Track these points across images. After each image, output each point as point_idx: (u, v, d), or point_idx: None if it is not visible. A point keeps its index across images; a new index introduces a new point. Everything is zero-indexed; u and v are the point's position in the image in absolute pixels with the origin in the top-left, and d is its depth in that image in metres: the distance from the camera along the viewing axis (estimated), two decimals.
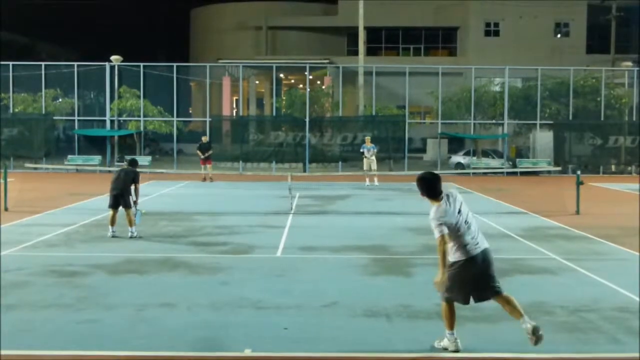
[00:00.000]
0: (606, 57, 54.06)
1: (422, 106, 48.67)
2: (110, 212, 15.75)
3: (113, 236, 15.47)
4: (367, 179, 30.50)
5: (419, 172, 8.11)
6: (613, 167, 40.37)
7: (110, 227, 15.66)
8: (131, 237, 15.43)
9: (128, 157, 17.63)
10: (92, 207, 21.23)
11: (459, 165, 40.15)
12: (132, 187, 15.85)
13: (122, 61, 39.66)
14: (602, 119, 40.11)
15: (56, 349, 7.78)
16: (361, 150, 31.40)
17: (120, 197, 15.62)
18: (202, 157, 31.35)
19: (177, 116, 39.69)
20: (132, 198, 15.78)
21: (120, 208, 15.63)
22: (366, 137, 32.42)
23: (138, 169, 16.33)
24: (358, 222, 18.83)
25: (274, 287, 10.90)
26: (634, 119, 41.67)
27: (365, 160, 30.69)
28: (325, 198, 24.79)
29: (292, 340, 8.18)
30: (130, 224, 15.60)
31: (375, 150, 31.10)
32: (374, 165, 30.60)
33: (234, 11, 66.27)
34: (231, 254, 13.77)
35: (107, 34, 74.45)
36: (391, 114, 41.43)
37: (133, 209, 15.70)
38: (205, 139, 32.74)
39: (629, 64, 44.54)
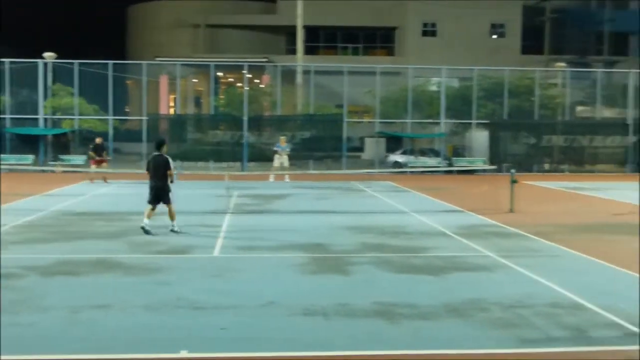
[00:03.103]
0: (540, 57, 55.13)
1: (361, 105, 48.82)
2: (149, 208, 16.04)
3: (143, 229, 15.73)
4: (272, 176, 31.68)
5: (357, 171, 8.09)
6: (547, 166, 41.11)
7: (145, 220, 15.87)
8: (172, 231, 15.79)
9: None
10: (25, 207, 20.79)
11: (396, 164, 40.39)
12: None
13: (56, 58, 38.95)
14: (536, 118, 40.83)
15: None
16: (275, 148, 33.05)
17: (161, 192, 15.98)
18: (97, 158, 30.46)
19: (114, 115, 39.09)
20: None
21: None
22: (281, 138, 33.81)
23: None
24: (296, 221, 18.82)
25: (212, 287, 10.82)
26: (567, 118, 42.55)
27: (277, 158, 32.30)
28: (264, 197, 24.72)
29: (230, 341, 8.13)
30: (172, 218, 15.93)
31: (288, 150, 32.92)
32: (286, 163, 32.28)
33: (172, 9, 65.57)
34: (168, 254, 13.62)
35: (41, 30, 73.01)
36: (329, 113, 41.56)
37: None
38: (99, 140, 31.76)
39: (563, 64, 45.45)
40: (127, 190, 27.21)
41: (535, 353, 7.84)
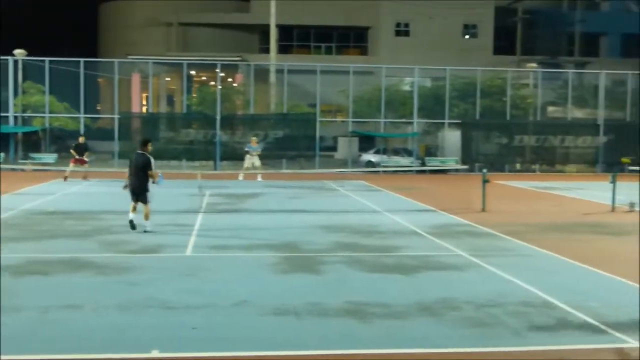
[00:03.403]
0: (512, 58, 55.52)
1: (334, 105, 48.87)
2: (132, 204, 16.09)
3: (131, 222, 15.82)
4: (242, 175, 31.80)
5: (330, 170, 8.10)
6: (518, 166, 41.42)
7: (130, 214, 15.95)
8: (145, 232, 15.68)
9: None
10: None
11: (369, 164, 40.48)
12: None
13: (27, 55, 38.58)
14: (508, 118, 41.07)
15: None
16: (246, 149, 33.39)
17: (138, 190, 16.01)
18: (77, 157, 30.36)
19: (85, 113, 38.76)
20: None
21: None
22: (252, 138, 34.17)
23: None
24: (269, 220, 18.79)
25: (183, 286, 10.76)
26: (539, 118, 42.85)
27: (247, 158, 32.73)
28: (236, 196, 24.65)
29: (201, 340, 8.10)
30: (147, 218, 15.88)
31: (259, 150, 33.36)
32: (257, 163, 32.66)
33: (144, 7, 65.18)
34: (140, 253, 13.54)
35: (11, 27, 72.22)
36: (303, 112, 41.56)
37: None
38: (82, 139, 31.69)
39: (534, 65, 45.83)
40: (99, 189, 27.02)
41: (507, 352, 7.89)
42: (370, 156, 41.39)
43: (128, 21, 65.19)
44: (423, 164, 38.68)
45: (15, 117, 38.31)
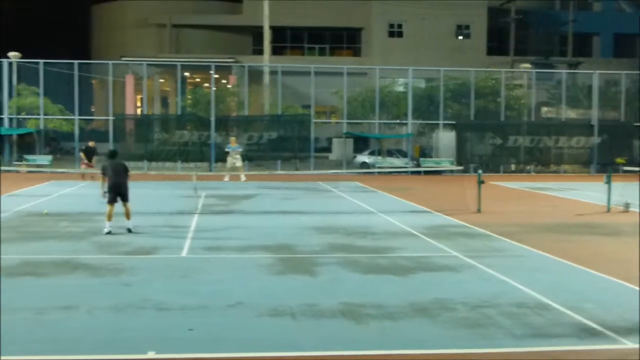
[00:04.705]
0: (506, 58, 55.58)
1: (328, 106, 48.92)
2: (109, 207, 16.05)
3: (109, 232, 15.76)
4: (227, 177, 32.00)
5: (324, 172, 8.12)
6: (513, 167, 41.50)
7: (107, 222, 15.92)
8: (130, 232, 15.93)
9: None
10: None
11: (364, 165, 40.54)
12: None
13: (21, 57, 38.53)
14: (502, 119, 41.14)
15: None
16: (226, 150, 33.74)
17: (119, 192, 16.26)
18: (87, 161, 30.55)
19: (79, 115, 38.75)
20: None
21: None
22: (231, 138, 34.62)
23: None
24: (263, 221, 18.79)
25: (179, 288, 10.77)
26: (533, 119, 42.94)
27: (229, 158, 33.03)
28: (231, 198, 24.65)
29: (197, 342, 8.10)
30: (129, 216, 16.17)
31: (240, 150, 33.69)
32: (239, 163, 33.06)
33: (137, 8, 65.10)
34: (134, 254, 13.53)
35: (4, 30, 72.08)
36: (297, 114, 41.57)
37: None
38: (92, 143, 31.89)
39: (528, 65, 45.93)
40: (93, 191, 26.92)
41: (501, 353, 7.91)
42: (364, 157, 41.46)
43: (121, 23, 65.11)
44: (417, 165, 38.72)
45: (10, 119, 38.29)
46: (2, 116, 38.21)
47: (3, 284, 10.85)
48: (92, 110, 53.24)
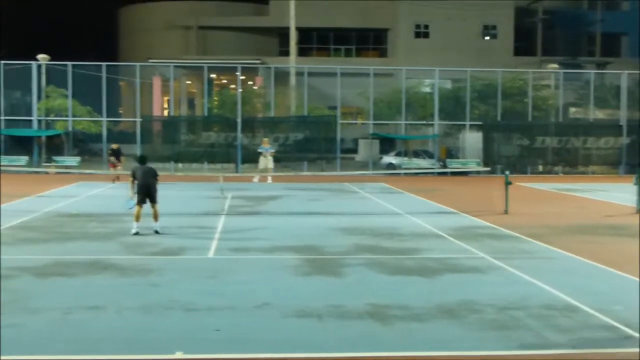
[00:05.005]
0: (533, 59, 55.23)
1: (354, 107, 48.84)
2: (137, 208, 16.16)
3: (136, 233, 15.87)
4: (257, 177, 31.92)
5: (350, 173, 8.11)
6: (540, 167, 41.20)
7: (135, 223, 16.06)
8: (157, 233, 15.96)
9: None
10: (18, 208, 20.71)
11: (390, 166, 40.45)
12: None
13: (50, 60, 38.90)
14: (530, 120, 40.89)
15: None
16: (258, 150, 33.34)
17: (148, 193, 16.35)
18: (115, 162, 30.70)
19: (107, 116, 39.06)
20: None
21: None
22: (264, 139, 34.31)
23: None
24: (290, 222, 18.81)
25: (206, 288, 10.81)
26: (560, 120, 42.63)
27: (262, 159, 32.57)
28: (258, 199, 24.71)
29: (224, 342, 8.13)
30: (156, 218, 16.23)
31: (272, 151, 33.31)
32: (271, 165, 32.62)
33: (163, 10, 65.52)
34: (162, 255, 13.61)
35: (34, 33, 72.86)
36: (323, 115, 41.55)
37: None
38: (116, 145, 32.00)
39: (555, 65, 45.57)
40: (121, 192, 27.11)
41: (529, 355, 7.86)
42: (390, 158, 41.37)
43: (147, 25, 65.51)
44: (444, 166, 38.60)
45: (39, 121, 38.66)
46: (31, 118, 38.63)
47: (32, 284, 10.98)
48: (120, 111, 53.54)
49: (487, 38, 60.31)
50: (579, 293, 10.54)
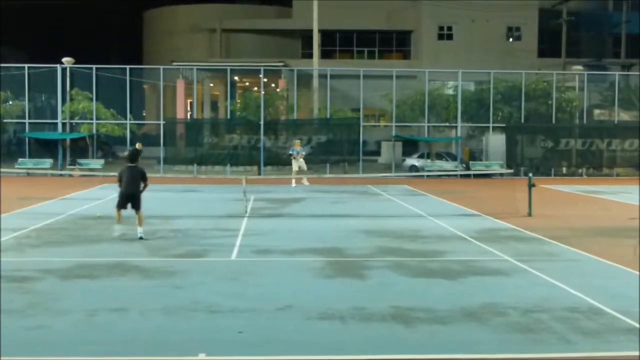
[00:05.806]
0: (557, 60, 54.85)
1: (377, 109, 48.85)
2: (117, 212, 16.09)
3: (121, 235, 15.88)
4: (294, 181, 31.21)
5: (373, 175, 8.10)
6: (564, 170, 40.94)
7: (116, 226, 16.04)
8: (141, 239, 15.57)
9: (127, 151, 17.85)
10: (43, 211, 20.91)
11: (413, 168, 40.38)
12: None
13: (74, 63, 39.22)
14: (554, 122, 40.65)
15: (5, 355, 7.64)
16: (290, 152, 32.85)
17: (131, 200, 16.03)
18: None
19: (131, 119, 39.33)
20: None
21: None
22: (296, 141, 33.67)
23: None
24: (313, 224, 18.81)
25: (228, 290, 10.84)
26: (585, 121, 42.34)
27: (294, 162, 31.89)
28: (280, 201, 24.75)
29: (247, 344, 8.14)
30: (141, 223, 15.84)
31: (304, 153, 32.76)
32: (304, 167, 32.00)
33: (187, 13, 65.93)
34: (185, 257, 13.65)
35: (59, 36, 73.53)
36: (346, 117, 41.54)
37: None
38: (139, 145, 32.15)
39: (580, 67, 45.26)
40: (144, 194, 27.25)
41: (554, 358, 7.81)
42: (413, 160, 41.29)
43: (172, 28, 65.93)
44: (467, 168, 38.48)
45: (64, 124, 38.97)
46: (55, 121, 38.98)
47: (57, 286, 11.06)
48: (144, 114, 53.97)
49: (511, 40, 60.06)
50: (603, 296, 10.46)
